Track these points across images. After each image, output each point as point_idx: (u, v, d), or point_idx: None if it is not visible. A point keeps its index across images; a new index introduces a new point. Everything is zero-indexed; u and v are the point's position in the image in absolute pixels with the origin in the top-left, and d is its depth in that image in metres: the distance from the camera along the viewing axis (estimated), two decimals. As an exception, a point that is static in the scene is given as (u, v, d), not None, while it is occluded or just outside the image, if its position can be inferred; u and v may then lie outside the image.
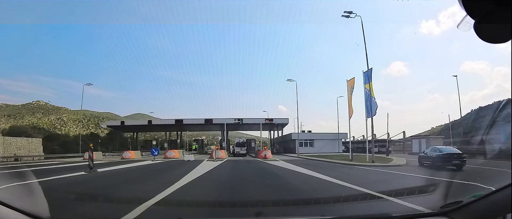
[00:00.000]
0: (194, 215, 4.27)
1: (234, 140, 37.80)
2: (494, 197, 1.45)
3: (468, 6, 0.87)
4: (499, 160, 10.34)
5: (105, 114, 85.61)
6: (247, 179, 9.72)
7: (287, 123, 39.63)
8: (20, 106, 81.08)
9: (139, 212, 3.99)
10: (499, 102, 22.81)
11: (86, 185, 8.15)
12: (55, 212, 2.05)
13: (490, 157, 11.09)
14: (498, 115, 13.63)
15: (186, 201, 5.43)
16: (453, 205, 1.74)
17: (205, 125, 41.45)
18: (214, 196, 6.29)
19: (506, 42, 0.91)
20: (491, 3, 0.85)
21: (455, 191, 5.23)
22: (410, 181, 9.00)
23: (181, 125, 40.60)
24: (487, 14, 0.87)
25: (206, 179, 9.42)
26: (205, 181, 9.04)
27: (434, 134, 41.59)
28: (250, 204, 4.85)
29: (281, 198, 5.79)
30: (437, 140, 28.42)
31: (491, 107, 28.58)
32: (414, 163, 15.19)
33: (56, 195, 5.14)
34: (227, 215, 4.41)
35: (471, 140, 21.94)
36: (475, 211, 1.53)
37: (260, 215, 3.31)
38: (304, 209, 4.40)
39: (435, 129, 50.08)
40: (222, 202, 5.41)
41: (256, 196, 6.17)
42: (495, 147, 11.76)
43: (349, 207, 4.77)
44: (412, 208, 3.90)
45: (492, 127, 12.42)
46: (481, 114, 29.41)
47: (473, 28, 0.90)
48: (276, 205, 4.70)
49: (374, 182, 8.81)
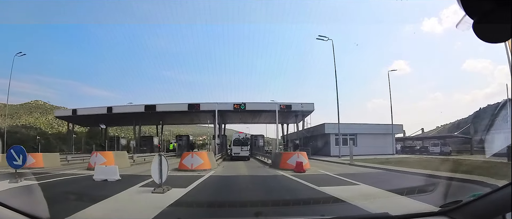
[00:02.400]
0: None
1: (231, 137, 24.82)
2: (494, 196, 1.44)
3: (467, 6, 0.87)
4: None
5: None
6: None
7: (313, 110, 26.66)
8: (18, 106, 79.38)
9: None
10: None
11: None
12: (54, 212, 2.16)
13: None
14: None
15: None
16: (452, 204, 1.72)
17: (190, 113, 28.48)
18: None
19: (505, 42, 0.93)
20: (489, 2, 0.85)
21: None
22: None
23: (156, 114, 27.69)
24: (485, 13, 0.86)
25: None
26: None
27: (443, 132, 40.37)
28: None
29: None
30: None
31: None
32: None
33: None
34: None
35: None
36: (475, 210, 1.51)
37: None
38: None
39: (441, 128, 51.00)
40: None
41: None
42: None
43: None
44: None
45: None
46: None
47: (472, 27, 0.89)
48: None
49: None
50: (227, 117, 29.64)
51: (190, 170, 10.65)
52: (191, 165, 10.74)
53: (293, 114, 27.68)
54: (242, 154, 21.43)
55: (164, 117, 30.24)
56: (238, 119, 31.71)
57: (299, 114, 27.44)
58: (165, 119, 32.24)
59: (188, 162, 10.88)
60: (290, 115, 28.21)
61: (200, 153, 11.30)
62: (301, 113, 27.10)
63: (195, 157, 10.96)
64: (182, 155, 11.73)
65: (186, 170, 10.73)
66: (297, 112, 26.72)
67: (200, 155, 11.16)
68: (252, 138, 28.47)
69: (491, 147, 11.75)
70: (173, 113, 27.92)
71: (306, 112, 26.82)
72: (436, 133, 52.24)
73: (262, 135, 29.38)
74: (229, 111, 25.75)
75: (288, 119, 31.15)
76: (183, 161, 11.09)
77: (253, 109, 25.77)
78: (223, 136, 30.65)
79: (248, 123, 35.33)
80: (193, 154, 11.02)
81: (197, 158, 10.95)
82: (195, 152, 11.52)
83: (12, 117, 70.56)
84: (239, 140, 21.94)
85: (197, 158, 10.95)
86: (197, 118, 30.95)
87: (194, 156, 10.98)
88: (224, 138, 30.54)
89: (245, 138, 22.39)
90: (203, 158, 11.10)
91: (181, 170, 10.84)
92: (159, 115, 28.35)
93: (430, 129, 50.11)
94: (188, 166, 10.81)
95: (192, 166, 10.73)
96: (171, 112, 27.31)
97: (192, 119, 32.67)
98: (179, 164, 11.29)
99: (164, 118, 31.09)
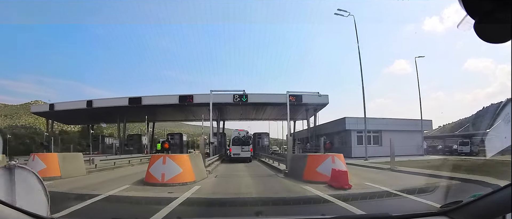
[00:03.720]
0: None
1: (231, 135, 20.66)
2: (494, 196, 1.40)
3: (468, 6, 0.86)
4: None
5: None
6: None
7: (327, 103, 22.52)
8: (18, 106, 79.88)
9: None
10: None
11: None
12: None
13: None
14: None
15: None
16: (453, 204, 1.67)
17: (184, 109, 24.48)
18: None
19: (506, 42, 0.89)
20: (491, 2, 0.84)
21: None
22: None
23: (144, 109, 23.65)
24: (487, 13, 0.85)
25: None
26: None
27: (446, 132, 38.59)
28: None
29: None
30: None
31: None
32: None
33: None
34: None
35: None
36: (475, 210, 1.49)
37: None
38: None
39: (445, 127, 49.98)
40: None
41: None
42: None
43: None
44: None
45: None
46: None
47: (473, 28, 0.88)
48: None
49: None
50: (226, 111, 25.54)
51: (160, 183, 6.61)
52: (162, 176, 6.70)
53: (303, 108, 23.60)
54: (243, 155, 17.48)
55: (154, 112, 26.16)
56: (238, 114, 27.60)
57: (310, 107, 23.34)
58: (156, 115, 28.14)
59: (157, 171, 6.83)
60: (299, 109, 24.10)
61: (178, 157, 7.19)
62: (313, 107, 22.98)
63: (170, 163, 6.87)
64: (151, 158, 7.61)
65: (154, 183, 6.69)
66: (308, 105, 22.61)
67: (178, 160, 7.05)
68: (255, 136, 24.44)
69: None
70: (163, 108, 23.86)
71: (319, 105, 22.71)
72: (438, 132, 49.33)
73: (267, 133, 25.35)
74: (228, 104, 21.71)
75: (297, 114, 27.02)
76: (150, 169, 7.03)
77: (257, 101, 21.67)
78: (222, 134, 26.58)
79: (250, 119, 31.19)
80: (166, 158, 6.92)
81: (172, 165, 6.86)
82: (169, 155, 7.28)
83: (12, 117, 73.20)
84: (240, 138, 17.91)
85: (172, 165, 6.86)
86: (192, 113, 26.84)
87: (168, 161, 6.86)
88: (223, 137, 26.48)
89: (246, 136, 18.35)
90: (182, 165, 7.01)
91: (149, 183, 6.82)
92: (147, 110, 24.30)
93: (433, 128, 50.33)
94: (157, 177, 6.77)
95: (164, 177, 6.69)
96: (160, 106, 23.26)
97: (186, 115, 28.53)
98: (146, 174, 7.26)
99: (155, 113, 26.98)
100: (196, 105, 21.66)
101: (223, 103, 21.33)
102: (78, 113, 25.25)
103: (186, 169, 7.01)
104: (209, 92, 15.83)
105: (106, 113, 24.99)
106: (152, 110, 24.71)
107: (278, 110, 25.23)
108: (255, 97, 21.37)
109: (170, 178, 6.70)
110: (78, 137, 48.36)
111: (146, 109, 23.79)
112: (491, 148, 18.59)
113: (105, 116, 26.74)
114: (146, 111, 24.41)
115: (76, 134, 54.84)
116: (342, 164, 7.16)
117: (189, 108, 24.43)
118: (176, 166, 6.85)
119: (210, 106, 14.88)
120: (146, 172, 7.32)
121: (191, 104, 21.53)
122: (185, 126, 72.09)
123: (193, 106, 22.62)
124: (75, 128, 53.00)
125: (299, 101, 21.28)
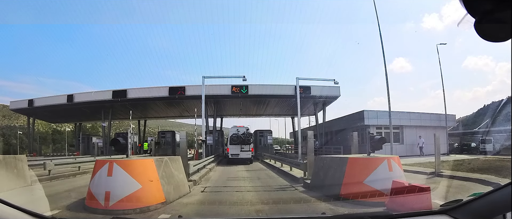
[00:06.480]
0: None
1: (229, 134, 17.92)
2: (494, 195, 1.40)
3: (469, 5, 0.86)
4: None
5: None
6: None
7: (338, 95, 19.76)
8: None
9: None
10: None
11: None
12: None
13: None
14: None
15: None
16: (453, 203, 1.65)
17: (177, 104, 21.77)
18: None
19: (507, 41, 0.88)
20: (491, 2, 0.84)
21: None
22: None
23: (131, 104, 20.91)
24: (487, 13, 0.85)
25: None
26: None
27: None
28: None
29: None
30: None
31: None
32: None
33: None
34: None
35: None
36: (475, 209, 1.47)
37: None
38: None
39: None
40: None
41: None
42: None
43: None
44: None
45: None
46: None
47: (474, 27, 0.88)
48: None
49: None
50: (223, 106, 22.79)
51: (102, 210, 3.89)
52: (106, 197, 3.96)
53: (310, 101, 20.87)
54: (243, 156, 14.82)
55: (144, 108, 23.41)
56: (238, 109, 24.83)
57: (319, 101, 20.60)
58: (146, 111, 25.36)
59: (100, 188, 4.10)
60: (306, 103, 21.34)
61: (134, 164, 4.45)
62: (322, 99, 20.23)
63: (119, 175, 4.12)
64: (95, 164, 4.79)
65: (95, 210, 3.99)
66: (317, 98, 19.88)
67: (134, 168, 4.30)
68: (256, 134, 21.71)
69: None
70: (153, 102, 21.11)
71: (328, 97, 19.96)
72: (450, 130, 48.97)
73: (270, 130, 22.60)
74: (226, 97, 18.96)
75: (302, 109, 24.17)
76: (92, 183, 4.31)
77: (259, 93, 18.91)
78: (219, 132, 23.85)
79: (252, 115, 28.41)
80: (113, 164, 4.17)
81: (123, 177, 4.11)
82: (118, 160, 4.40)
83: (10, 117, 71.05)
84: (239, 136, 15.20)
85: (123, 177, 4.11)
86: (186, 109, 24.05)
87: (116, 170, 4.12)
88: (220, 135, 23.75)
89: (246, 133, 15.60)
90: (140, 176, 4.23)
91: (89, 209, 4.11)
92: (134, 105, 21.56)
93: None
94: (99, 198, 4.03)
95: (109, 199, 3.95)
96: (149, 101, 20.50)
97: (180, 111, 25.76)
98: (87, 192, 4.51)
99: (145, 109, 24.22)
100: (189, 98, 18.92)
101: (220, 96, 18.61)
102: (60, 109, 22.54)
103: (148, 183, 4.25)
104: (202, 81, 13.10)
105: (90, 108, 22.29)
106: (140, 105, 21.99)
107: (281, 104, 22.53)
108: (257, 88, 18.64)
109: (118, 199, 3.96)
110: (71, 136, 45.84)
111: (133, 103, 21.07)
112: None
113: (90, 113, 24.04)
114: (134, 106, 21.67)
115: (70, 133, 52.01)
116: (402, 173, 4.43)
117: (182, 103, 21.70)
118: (129, 178, 4.10)
119: (202, 95, 12.16)
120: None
121: (183, 97, 18.78)
122: (185, 126, 69.57)
123: (186, 100, 19.89)
124: (68, 127, 50.50)
125: (307, 93, 18.57)
